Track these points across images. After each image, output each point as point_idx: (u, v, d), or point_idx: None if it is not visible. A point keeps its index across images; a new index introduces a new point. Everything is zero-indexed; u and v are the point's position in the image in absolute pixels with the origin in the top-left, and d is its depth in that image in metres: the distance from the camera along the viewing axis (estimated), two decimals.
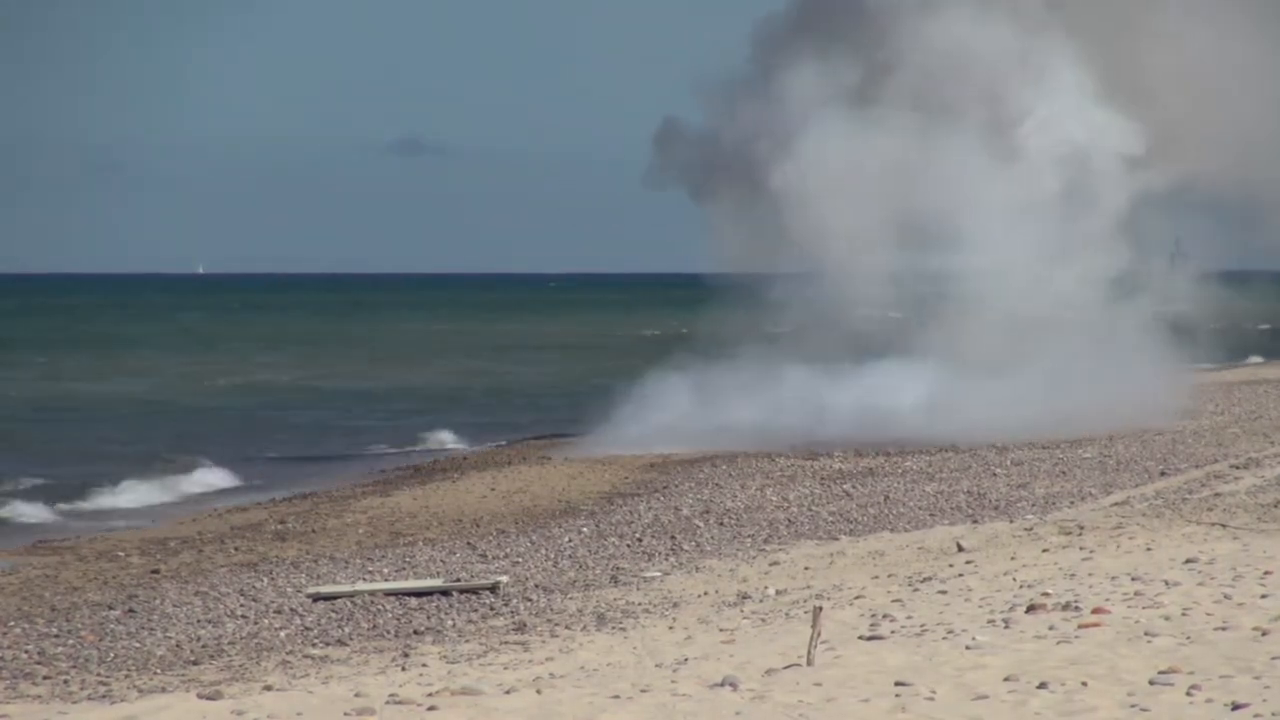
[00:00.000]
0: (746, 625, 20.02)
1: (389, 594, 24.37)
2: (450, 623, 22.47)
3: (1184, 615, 16.85)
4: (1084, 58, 47.99)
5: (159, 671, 20.19)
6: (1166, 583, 18.96)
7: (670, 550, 27.55)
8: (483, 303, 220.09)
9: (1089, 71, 47.97)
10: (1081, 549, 23.03)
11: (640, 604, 22.71)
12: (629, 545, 28.26)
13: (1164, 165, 47.86)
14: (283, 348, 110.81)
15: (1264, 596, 17.61)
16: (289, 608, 23.86)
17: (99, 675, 20.09)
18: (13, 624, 23.65)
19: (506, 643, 20.50)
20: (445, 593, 24.41)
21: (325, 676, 18.82)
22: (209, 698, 16.79)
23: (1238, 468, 33.41)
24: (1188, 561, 20.58)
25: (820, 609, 16.23)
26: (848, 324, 48.74)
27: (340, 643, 21.53)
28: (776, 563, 25.38)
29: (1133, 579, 19.52)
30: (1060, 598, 18.45)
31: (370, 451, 50.25)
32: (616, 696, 14.74)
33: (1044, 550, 23.42)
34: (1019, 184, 47.76)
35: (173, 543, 31.59)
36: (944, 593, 20.42)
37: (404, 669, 19.13)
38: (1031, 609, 17.84)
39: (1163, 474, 33.41)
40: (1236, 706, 13.09)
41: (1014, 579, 20.84)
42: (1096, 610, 17.29)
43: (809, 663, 15.64)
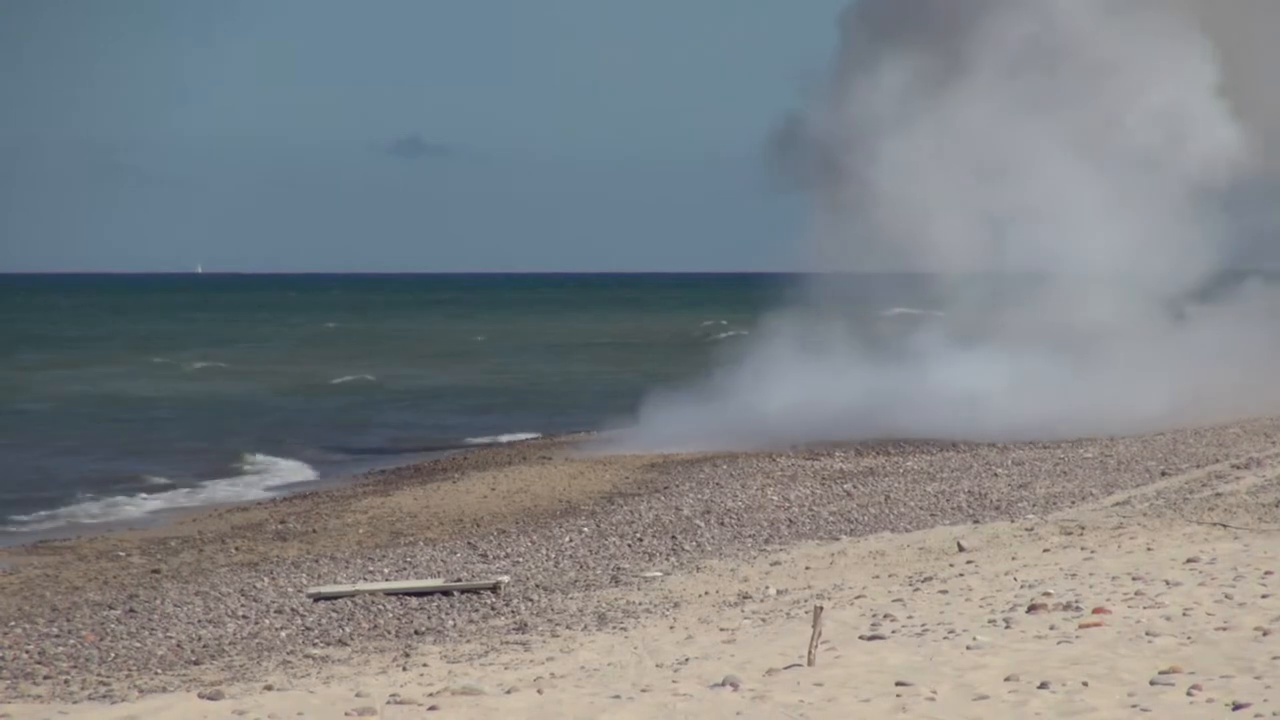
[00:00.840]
0: (747, 625, 20.01)
1: (390, 594, 24.36)
2: (451, 623, 22.46)
3: (1185, 615, 16.85)
4: (1197, 54, 47.05)
5: (160, 671, 20.19)
6: (1167, 583, 18.96)
7: (671, 550, 27.55)
8: (505, 301, 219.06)
9: (1202, 68, 47.05)
10: (1082, 549, 23.03)
11: (641, 604, 22.70)
12: (630, 545, 28.25)
13: (1269, 166, 47.47)
14: (327, 346, 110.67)
15: (1265, 596, 17.61)
16: (290, 608, 23.86)
17: (100, 675, 20.09)
18: (13, 624, 23.65)
19: (507, 643, 20.50)
20: (446, 593, 24.41)
21: (326, 676, 18.81)
22: (210, 698, 16.79)
23: (1239, 467, 33.38)
24: (1189, 561, 20.58)
25: (821, 609, 16.22)
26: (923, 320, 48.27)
27: (341, 643, 21.52)
28: (777, 562, 25.37)
29: (1134, 579, 19.52)
30: (1061, 598, 18.45)
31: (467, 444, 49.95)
32: (617, 696, 14.74)
33: (1045, 550, 23.42)
34: (1123, 181, 47.11)
35: (173, 542, 31.60)
36: (945, 593, 20.42)
37: (405, 669, 19.13)
38: (1032, 609, 17.84)
39: (1164, 474, 33.39)
40: (1237, 707, 13.09)
41: (1015, 579, 20.83)
42: (1097, 610, 17.29)
43: (810, 663, 15.64)
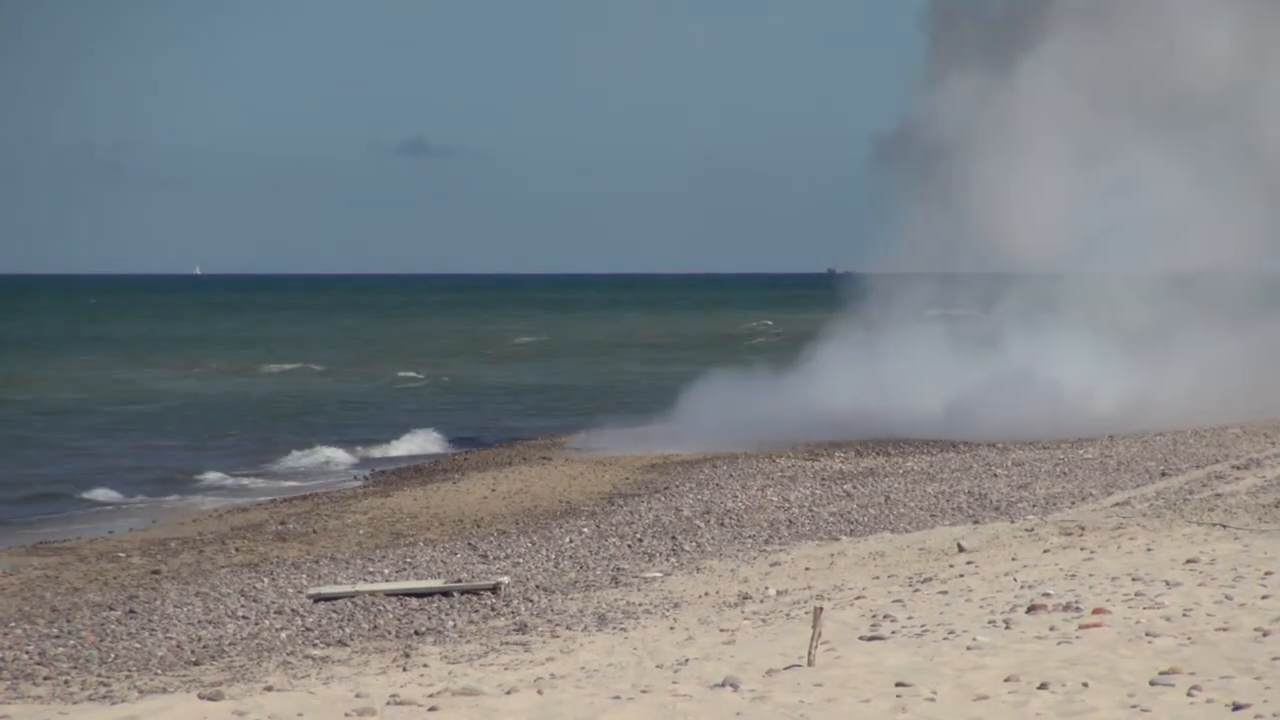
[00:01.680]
0: (747, 626, 20.01)
1: (390, 594, 24.36)
2: (451, 623, 22.46)
3: (1185, 616, 16.85)
4: None
5: (160, 672, 20.19)
6: (1167, 583, 18.96)
7: (671, 551, 27.54)
8: (532, 302, 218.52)
9: None
10: (1082, 549, 23.02)
11: (641, 604, 22.70)
12: (630, 546, 28.25)
13: None
14: (370, 345, 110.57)
15: (1265, 597, 17.61)
16: (290, 608, 23.86)
17: (100, 676, 20.09)
18: (13, 625, 23.65)
19: (507, 643, 20.50)
20: (446, 593, 24.40)
21: (326, 677, 18.81)
22: (210, 698, 16.79)
23: (1239, 468, 33.38)
24: (1188, 562, 20.57)
25: (821, 609, 16.22)
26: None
27: (341, 643, 21.52)
28: (777, 563, 25.37)
29: (1133, 579, 19.51)
30: (1061, 598, 18.45)
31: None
32: (617, 697, 14.74)
33: (1045, 551, 23.41)
34: (1216, 177, 46.49)
35: (173, 543, 31.60)
36: (945, 593, 20.41)
37: (405, 669, 19.13)
38: (1032, 609, 17.84)
39: (1163, 474, 33.39)
40: (1237, 707, 13.09)
41: (1015, 579, 20.83)
42: (1097, 611, 17.29)
43: (810, 663, 15.64)
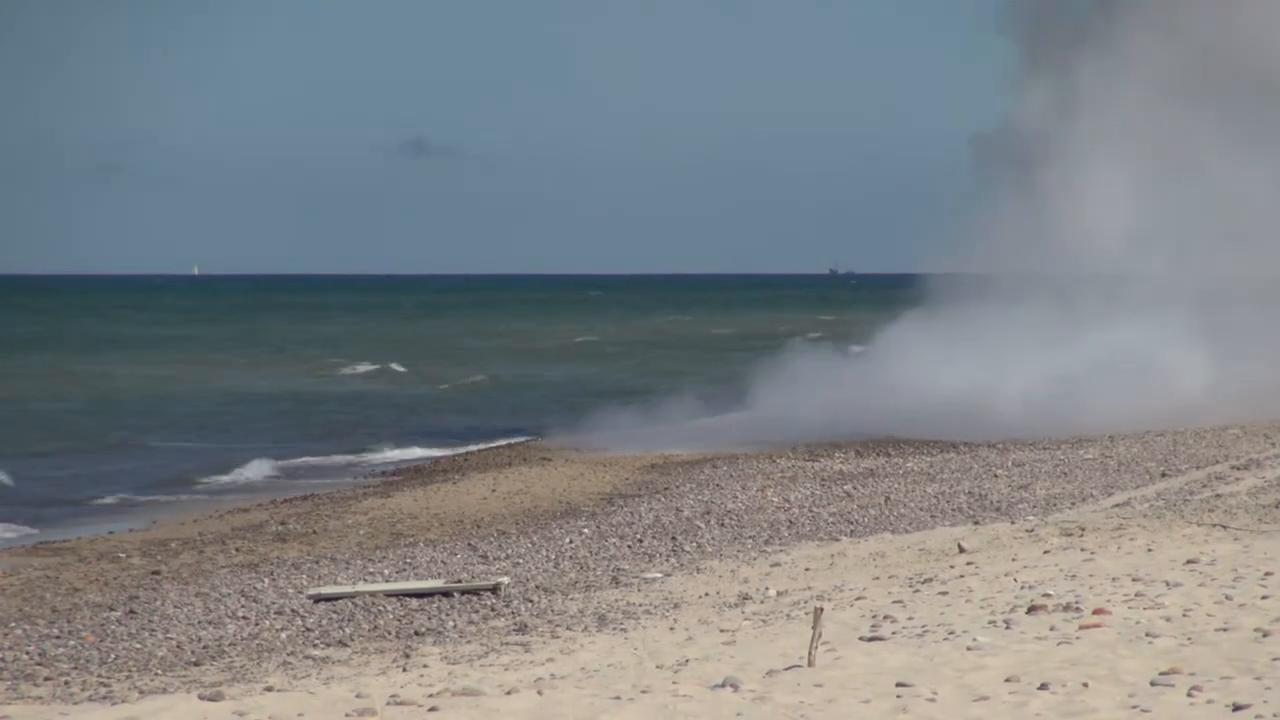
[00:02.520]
0: (747, 626, 20.01)
1: (390, 595, 24.36)
2: (451, 624, 22.46)
3: (1185, 616, 16.84)
4: None
5: (160, 672, 20.19)
6: (1167, 584, 18.95)
7: (671, 551, 27.55)
8: (573, 303, 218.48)
9: None
10: (1082, 550, 23.01)
11: (641, 605, 22.70)
12: (630, 546, 28.25)
13: None
14: (410, 346, 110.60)
15: (1265, 597, 17.60)
16: (290, 609, 23.86)
17: (100, 676, 20.09)
18: (14, 625, 23.66)
19: (507, 643, 20.50)
20: (446, 594, 24.41)
21: (326, 677, 18.81)
22: (210, 699, 16.78)
23: (1239, 469, 33.39)
24: (1189, 562, 20.56)
25: (821, 610, 16.21)
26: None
27: (341, 644, 21.53)
28: (777, 564, 25.37)
29: (1134, 580, 19.51)
30: (1061, 599, 18.44)
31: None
32: (617, 697, 14.73)
33: (1045, 551, 23.40)
34: None
35: (173, 544, 31.60)
36: (945, 594, 20.41)
37: (405, 670, 19.13)
38: (1032, 610, 17.83)
39: (1163, 475, 33.39)
40: (1237, 708, 13.08)
41: (1015, 580, 20.83)
42: (1097, 611, 17.29)
43: (810, 664, 15.63)
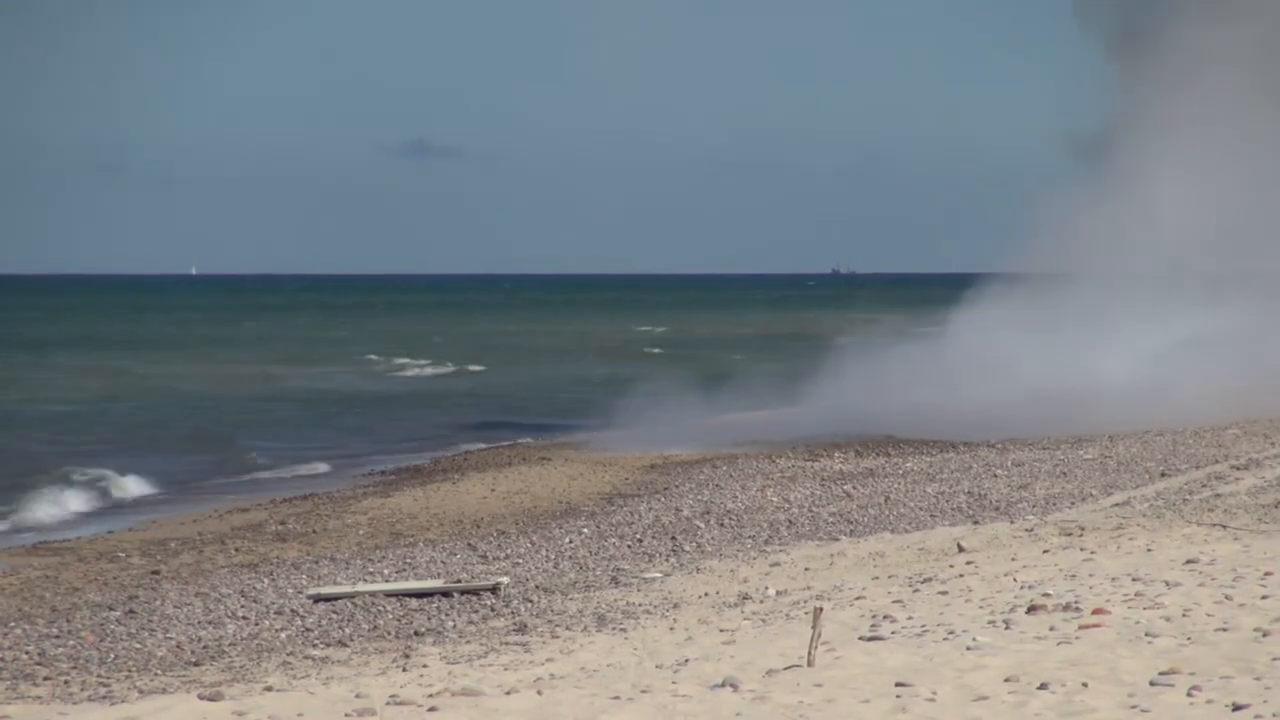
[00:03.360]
0: (747, 626, 20.01)
1: (390, 595, 24.36)
2: (451, 624, 22.46)
3: (1184, 616, 16.84)
4: None
5: (159, 672, 20.19)
6: (1167, 583, 18.95)
7: (671, 551, 27.55)
8: (604, 303, 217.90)
9: None
10: (1082, 550, 23.02)
11: (641, 605, 22.70)
12: (629, 546, 28.25)
13: None
14: (439, 345, 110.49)
15: (1264, 597, 17.60)
16: (290, 609, 23.86)
17: (99, 676, 20.09)
18: (13, 625, 23.66)
19: (507, 643, 20.50)
20: (446, 594, 24.40)
21: (326, 677, 18.81)
22: (210, 699, 16.78)
23: (1238, 468, 33.39)
24: (1188, 562, 20.56)
25: (821, 610, 16.22)
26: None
27: (341, 644, 21.53)
28: (777, 564, 25.37)
29: (1133, 580, 19.51)
30: (1061, 598, 18.44)
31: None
32: (617, 697, 14.73)
33: (1044, 551, 23.41)
34: None
35: (173, 543, 31.60)
36: (944, 593, 20.41)
37: (405, 670, 19.13)
38: (1032, 610, 17.83)
39: (1163, 475, 33.39)
40: (1237, 707, 13.08)
41: (1014, 580, 20.83)
42: (1097, 611, 17.29)
43: (809, 663, 15.64)
